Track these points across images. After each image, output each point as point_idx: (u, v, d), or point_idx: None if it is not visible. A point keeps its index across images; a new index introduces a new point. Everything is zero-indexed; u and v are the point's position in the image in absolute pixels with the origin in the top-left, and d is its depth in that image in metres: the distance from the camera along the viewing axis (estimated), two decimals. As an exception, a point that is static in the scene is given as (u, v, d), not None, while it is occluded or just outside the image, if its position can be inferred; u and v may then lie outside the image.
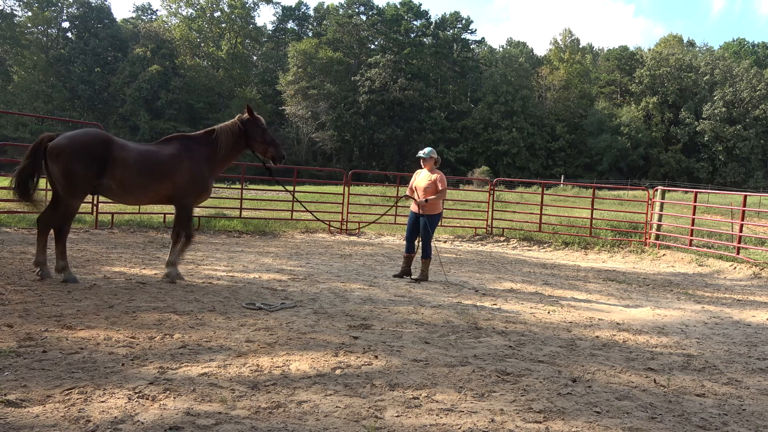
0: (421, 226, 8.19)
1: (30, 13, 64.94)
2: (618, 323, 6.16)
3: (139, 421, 3.05)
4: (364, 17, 68.99)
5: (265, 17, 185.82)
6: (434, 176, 8.31)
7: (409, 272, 8.35)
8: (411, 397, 3.62)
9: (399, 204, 14.69)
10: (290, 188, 12.90)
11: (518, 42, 76.77)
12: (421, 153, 8.62)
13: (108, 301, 5.67)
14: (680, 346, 5.32)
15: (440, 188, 8.19)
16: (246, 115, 7.16)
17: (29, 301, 5.45)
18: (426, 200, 8.15)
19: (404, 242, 8.97)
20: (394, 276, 8.34)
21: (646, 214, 14.00)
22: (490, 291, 7.68)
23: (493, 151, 64.38)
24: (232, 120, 7.21)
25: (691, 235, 13.06)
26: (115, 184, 6.42)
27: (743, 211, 12.26)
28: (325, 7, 75.81)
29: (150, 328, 4.82)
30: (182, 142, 6.98)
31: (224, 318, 5.37)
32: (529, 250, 13.49)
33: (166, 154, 6.73)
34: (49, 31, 67.28)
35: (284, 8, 77.41)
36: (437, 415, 3.34)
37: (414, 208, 8.40)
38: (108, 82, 64.26)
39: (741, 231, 11.96)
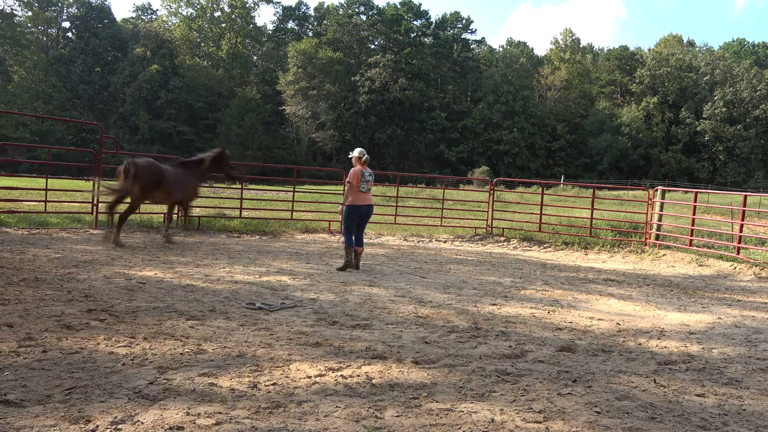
0: None
1: (30, 13, 64.96)
2: (618, 323, 6.16)
3: (139, 421, 3.05)
4: (364, 17, 69.00)
5: (265, 17, 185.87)
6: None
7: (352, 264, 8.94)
8: (411, 397, 3.62)
9: (399, 204, 14.69)
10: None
11: (518, 42, 76.78)
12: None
13: (108, 301, 5.67)
14: (680, 345, 5.32)
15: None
16: None
17: (29, 301, 5.45)
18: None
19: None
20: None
21: (646, 214, 13.99)
22: (490, 291, 7.68)
23: (494, 150, 64.40)
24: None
25: (691, 235, 13.06)
26: None
27: (743, 211, 12.25)
28: (325, 7, 75.81)
29: (150, 328, 4.82)
30: None
31: (224, 318, 5.37)
32: (529, 250, 13.48)
33: None
34: (49, 31, 67.30)
35: (284, 8, 77.45)
36: (437, 415, 3.34)
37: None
38: (108, 81, 64.27)
39: (741, 231, 11.95)
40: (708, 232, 14.67)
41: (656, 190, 14.11)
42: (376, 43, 69.02)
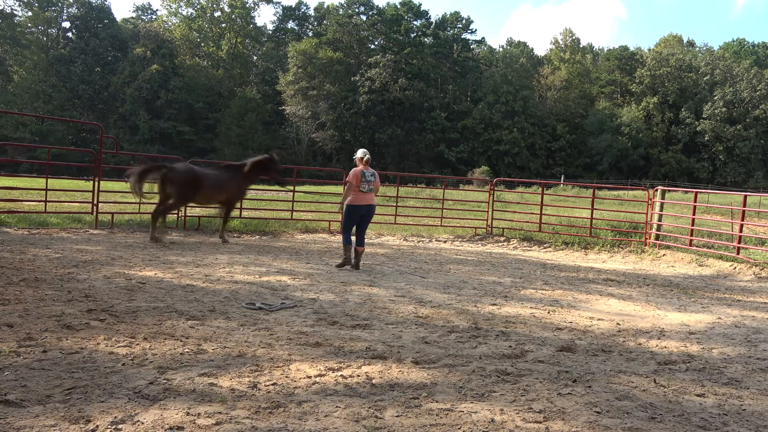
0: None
1: (30, 13, 64.98)
2: (618, 323, 6.16)
3: (139, 421, 3.05)
4: (364, 17, 69.00)
5: (265, 17, 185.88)
6: None
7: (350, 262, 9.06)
8: (411, 397, 3.62)
9: (399, 204, 14.70)
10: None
11: (518, 42, 76.78)
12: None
13: (108, 301, 5.67)
14: (680, 345, 5.32)
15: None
16: None
17: (29, 301, 5.45)
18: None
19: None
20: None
21: (646, 214, 13.99)
22: (490, 291, 7.68)
23: (494, 150, 64.40)
24: None
25: (691, 235, 13.06)
26: None
27: (743, 211, 12.25)
28: (325, 7, 75.81)
29: (150, 328, 4.82)
30: None
31: (224, 318, 5.37)
32: (529, 250, 13.49)
33: None
34: (49, 31, 67.32)
35: (284, 8, 77.46)
36: (437, 415, 3.34)
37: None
38: (108, 81, 64.28)
39: (741, 231, 11.95)
40: (708, 232, 14.67)
41: (656, 190, 14.11)
42: (376, 43, 69.03)
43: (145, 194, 10.57)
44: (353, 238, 9.06)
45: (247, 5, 72.46)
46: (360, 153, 9.20)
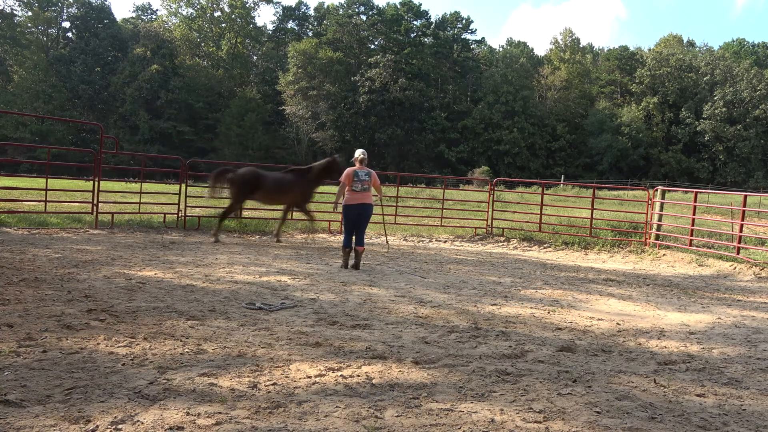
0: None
1: (30, 13, 64.98)
2: (618, 323, 6.16)
3: (139, 421, 3.05)
4: (364, 17, 69.01)
5: (265, 17, 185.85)
6: None
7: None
8: (411, 397, 3.62)
9: (399, 204, 14.70)
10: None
11: (518, 42, 76.78)
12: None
13: (108, 301, 5.67)
14: (680, 345, 5.32)
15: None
16: None
17: (29, 301, 5.45)
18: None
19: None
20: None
21: (646, 214, 13.99)
22: (490, 291, 7.68)
23: (494, 150, 64.40)
24: None
25: (691, 235, 13.06)
26: None
27: (743, 211, 12.26)
28: (325, 7, 75.81)
29: (150, 328, 4.82)
30: None
31: (224, 318, 5.37)
32: (529, 250, 13.49)
33: None
34: (49, 31, 67.32)
35: (284, 8, 77.45)
36: (437, 415, 3.34)
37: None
38: (108, 81, 64.28)
39: (741, 231, 11.95)
40: (708, 232, 14.67)
41: (656, 190, 14.11)
42: (376, 43, 69.04)
43: (218, 196, 11.93)
44: (353, 238, 9.06)
45: (247, 5, 72.47)
46: (356, 153, 9.31)
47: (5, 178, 18.86)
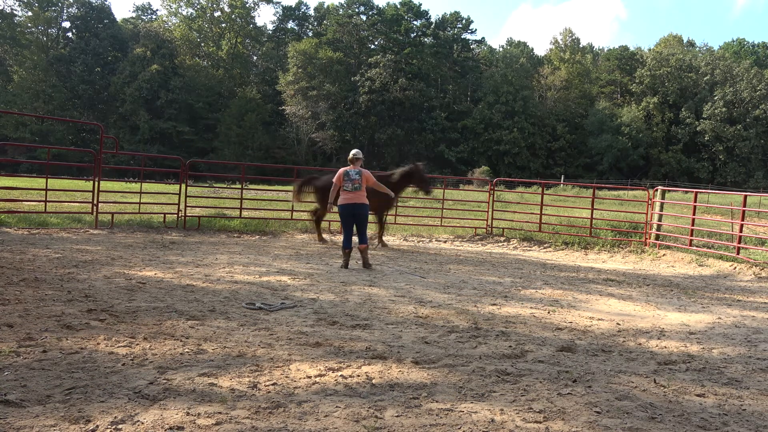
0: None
1: (30, 13, 64.98)
2: (618, 323, 6.16)
3: (139, 421, 3.05)
4: (364, 17, 69.01)
5: (265, 17, 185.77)
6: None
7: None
8: (411, 397, 3.62)
9: (399, 204, 14.70)
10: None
11: (518, 42, 76.78)
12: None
13: (108, 301, 5.67)
14: (680, 345, 5.32)
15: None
16: None
17: (29, 301, 5.45)
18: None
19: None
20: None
21: (646, 214, 13.99)
22: (490, 291, 7.68)
23: (494, 150, 64.40)
24: None
25: (691, 235, 13.06)
26: None
27: (743, 211, 12.25)
28: (325, 7, 75.81)
29: (150, 328, 4.82)
30: None
31: (224, 318, 5.37)
32: (529, 250, 13.48)
33: None
34: (49, 31, 67.32)
35: (284, 8, 77.45)
36: (437, 415, 3.34)
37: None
38: (108, 81, 64.28)
39: (741, 231, 11.95)
40: (708, 232, 14.67)
41: (656, 190, 14.10)
42: (376, 43, 69.05)
43: (303, 201, 12.53)
44: (355, 238, 9.08)
45: (247, 5, 72.46)
46: (351, 153, 9.39)
47: (5, 178, 18.86)
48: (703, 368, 4.59)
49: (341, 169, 9.14)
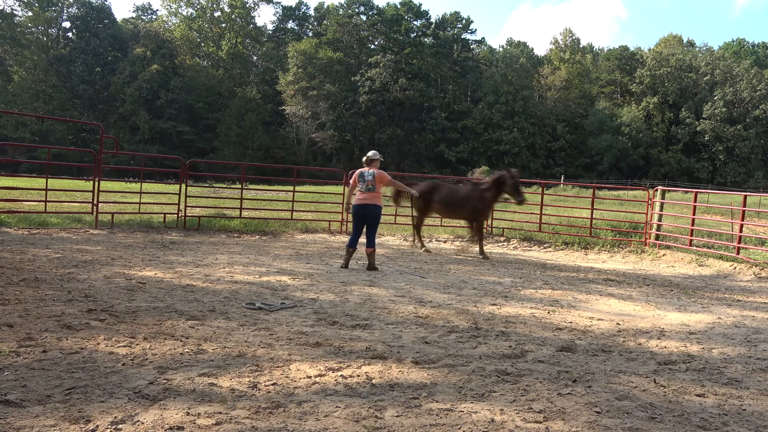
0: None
1: (30, 13, 65.00)
2: (618, 323, 6.16)
3: (139, 421, 3.05)
4: (364, 17, 69.02)
5: (265, 17, 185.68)
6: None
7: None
8: (411, 397, 3.62)
9: (402, 204, 14.69)
10: None
11: (518, 42, 76.80)
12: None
13: (108, 301, 5.67)
14: (680, 345, 5.31)
15: None
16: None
17: (29, 301, 5.45)
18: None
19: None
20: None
21: (646, 214, 13.99)
22: (490, 291, 7.68)
23: (494, 150, 64.41)
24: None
25: (691, 235, 13.06)
26: None
27: (743, 211, 12.25)
28: (325, 7, 75.82)
29: (150, 328, 4.82)
30: None
31: (224, 318, 5.37)
32: (529, 250, 13.48)
33: None
34: (49, 31, 67.33)
35: (284, 8, 77.47)
36: (437, 415, 3.34)
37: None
38: (108, 81, 64.30)
39: (741, 231, 11.95)
40: (708, 232, 14.67)
41: (656, 190, 14.10)
42: (376, 43, 69.05)
43: (402, 206, 12.57)
44: (363, 239, 9.11)
45: (247, 5, 72.48)
46: (367, 154, 9.43)
47: (5, 178, 18.86)
48: (703, 368, 4.59)
49: (358, 171, 9.17)
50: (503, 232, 14.89)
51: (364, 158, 9.31)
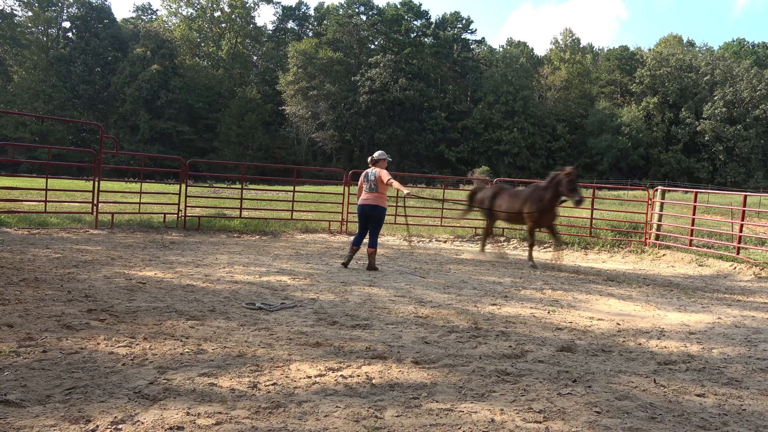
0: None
1: (30, 13, 65.00)
2: (618, 323, 6.15)
3: (139, 421, 3.05)
4: (364, 17, 69.02)
5: (265, 17, 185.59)
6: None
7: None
8: (411, 397, 3.62)
9: (399, 204, 14.70)
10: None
11: (518, 42, 76.82)
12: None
13: (108, 301, 5.67)
14: (680, 345, 5.31)
15: None
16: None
17: (29, 301, 5.45)
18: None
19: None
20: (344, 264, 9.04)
21: (646, 214, 13.99)
22: (490, 291, 7.68)
23: (494, 150, 64.43)
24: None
25: (691, 235, 13.05)
26: None
27: (743, 211, 12.25)
28: (325, 7, 75.84)
29: (150, 328, 4.82)
30: None
31: (224, 318, 5.36)
32: (527, 250, 13.45)
33: None
34: (49, 31, 67.33)
35: (284, 8, 77.49)
36: (437, 415, 3.34)
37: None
38: (108, 81, 64.32)
39: (741, 231, 11.95)
40: (708, 232, 14.67)
41: (656, 190, 14.10)
42: (376, 43, 69.05)
43: (473, 210, 12.27)
44: (365, 240, 9.16)
45: (247, 5, 72.48)
46: (374, 154, 9.45)
47: (5, 178, 18.86)
48: (703, 368, 4.59)
49: (365, 171, 9.23)
50: (503, 232, 14.88)
51: (369, 158, 9.33)
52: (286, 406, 3.37)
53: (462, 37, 71.33)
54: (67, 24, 68.24)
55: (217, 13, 73.02)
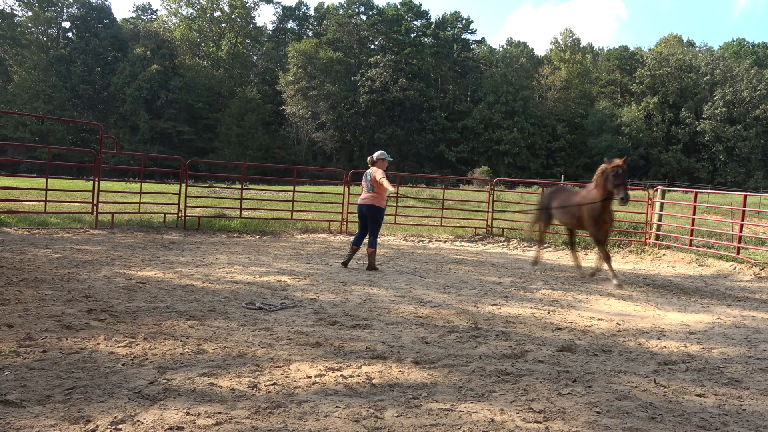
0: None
1: (30, 13, 64.98)
2: (618, 323, 6.16)
3: (139, 421, 3.05)
4: (364, 17, 69.01)
5: (265, 17, 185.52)
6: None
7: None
8: (411, 397, 3.62)
9: (399, 204, 14.70)
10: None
11: (518, 42, 76.80)
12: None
13: (108, 301, 5.67)
14: (680, 345, 5.31)
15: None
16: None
17: (29, 301, 5.45)
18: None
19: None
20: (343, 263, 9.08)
21: (646, 214, 13.99)
22: (490, 291, 7.68)
23: (494, 150, 64.42)
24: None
25: (691, 235, 13.05)
26: None
27: (743, 211, 12.25)
28: (325, 7, 75.83)
29: (150, 328, 4.82)
30: None
31: (224, 318, 5.36)
32: (529, 250, 13.47)
33: None
34: (49, 31, 67.30)
35: (284, 8, 77.49)
36: (437, 415, 3.34)
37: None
38: (108, 81, 64.29)
39: (741, 231, 11.95)
40: (708, 232, 14.67)
41: (656, 190, 14.10)
42: (376, 43, 69.05)
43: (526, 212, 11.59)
44: (365, 240, 9.18)
45: (247, 5, 72.47)
46: (373, 154, 9.43)
47: (5, 178, 18.86)
48: (703, 368, 4.59)
49: (365, 171, 9.30)
50: (503, 232, 14.89)
51: (369, 158, 9.33)
52: (286, 406, 3.37)
53: (462, 37, 71.32)
54: (67, 24, 68.26)
55: (217, 13, 73.02)
